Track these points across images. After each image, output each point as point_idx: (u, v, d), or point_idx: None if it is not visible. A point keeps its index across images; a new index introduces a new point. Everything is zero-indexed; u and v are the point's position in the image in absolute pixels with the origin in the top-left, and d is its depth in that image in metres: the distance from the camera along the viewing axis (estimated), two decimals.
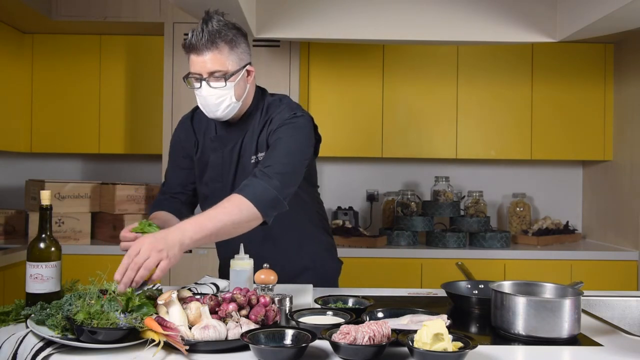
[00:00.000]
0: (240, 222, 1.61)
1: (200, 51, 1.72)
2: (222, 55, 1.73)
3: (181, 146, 2.01)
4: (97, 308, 1.32)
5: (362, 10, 3.15)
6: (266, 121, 1.86)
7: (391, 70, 3.73)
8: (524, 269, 3.45)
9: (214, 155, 1.92)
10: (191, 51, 1.74)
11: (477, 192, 3.84)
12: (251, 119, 1.89)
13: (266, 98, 1.94)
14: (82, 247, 3.38)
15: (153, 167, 3.94)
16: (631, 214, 3.55)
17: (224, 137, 1.90)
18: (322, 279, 2.07)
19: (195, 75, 1.75)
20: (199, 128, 1.97)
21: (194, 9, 2.80)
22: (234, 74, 1.76)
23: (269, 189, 1.65)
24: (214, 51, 1.72)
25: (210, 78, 1.74)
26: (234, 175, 1.89)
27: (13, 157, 4.01)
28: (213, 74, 1.73)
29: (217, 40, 1.71)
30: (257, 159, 1.84)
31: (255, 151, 1.85)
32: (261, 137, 1.85)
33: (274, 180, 1.66)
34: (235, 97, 1.78)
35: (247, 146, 1.87)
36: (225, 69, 1.74)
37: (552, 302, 1.42)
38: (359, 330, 1.24)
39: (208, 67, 1.73)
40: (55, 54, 3.70)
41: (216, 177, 1.91)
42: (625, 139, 3.64)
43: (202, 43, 1.71)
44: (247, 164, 1.86)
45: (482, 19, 3.14)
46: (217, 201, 1.68)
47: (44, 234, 1.55)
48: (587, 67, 3.78)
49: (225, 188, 1.88)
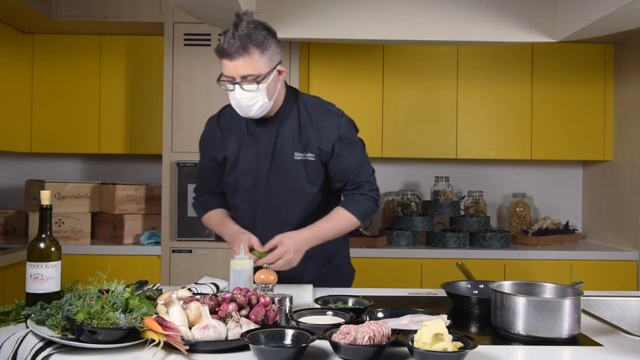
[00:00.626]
0: (345, 232, 1.97)
1: (232, 57, 1.76)
2: (254, 60, 1.77)
3: (209, 146, 2.07)
4: (97, 308, 1.32)
5: (362, 10, 3.15)
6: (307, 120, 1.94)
7: (391, 70, 3.73)
8: (524, 269, 3.45)
9: (246, 150, 1.97)
10: (223, 56, 1.78)
11: (477, 192, 3.84)
12: (284, 116, 1.95)
13: (299, 96, 2.01)
14: (82, 247, 3.38)
15: (153, 167, 3.94)
16: (631, 214, 3.55)
17: (258, 133, 1.95)
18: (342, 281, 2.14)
19: (228, 78, 1.81)
20: (227, 126, 2.03)
21: (194, 9, 2.80)
22: (266, 76, 1.81)
23: (372, 205, 1.98)
24: (245, 56, 1.76)
25: (243, 81, 1.79)
26: (268, 169, 1.94)
27: (13, 157, 4.01)
28: (246, 77, 1.79)
29: (249, 45, 1.76)
30: (305, 157, 1.93)
31: (303, 149, 1.93)
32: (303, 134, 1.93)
33: (375, 198, 1.99)
34: (267, 97, 1.84)
35: (284, 142, 1.93)
36: (257, 73, 1.79)
37: (552, 302, 1.42)
38: (359, 330, 1.24)
39: (240, 71, 1.78)
40: (55, 54, 3.70)
41: (248, 172, 1.96)
42: (625, 139, 3.64)
43: (234, 49, 1.75)
44: (285, 160, 1.93)
45: (482, 19, 3.14)
46: (247, 194, 1.94)
47: (44, 234, 1.55)
48: (587, 67, 3.78)
49: (258, 182, 1.95)
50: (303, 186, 1.95)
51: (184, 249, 3.33)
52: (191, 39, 3.39)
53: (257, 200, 1.97)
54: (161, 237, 3.37)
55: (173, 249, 3.33)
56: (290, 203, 1.96)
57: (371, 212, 1.99)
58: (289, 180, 1.94)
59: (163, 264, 3.33)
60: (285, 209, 1.96)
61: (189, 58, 3.39)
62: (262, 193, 1.96)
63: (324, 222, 1.91)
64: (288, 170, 1.93)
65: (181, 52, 3.39)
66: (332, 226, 1.92)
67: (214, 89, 3.40)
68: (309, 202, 1.97)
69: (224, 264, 3.24)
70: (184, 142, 3.39)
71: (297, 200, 1.96)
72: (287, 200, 1.96)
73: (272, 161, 1.94)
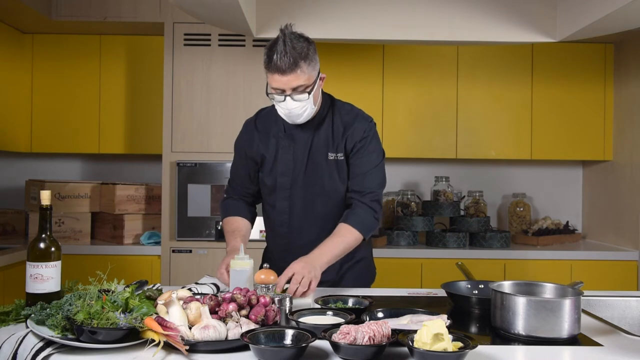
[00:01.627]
0: (352, 246, 2.00)
1: (285, 72, 1.86)
2: (304, 73, 1.88)
3: (247, 146, 2.13)
4: (97, 308, 1.32)
5: (362, 10, 3.15)
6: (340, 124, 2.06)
7: (391, 70, 3.73)
8: (524, 269, 3.45)
9: (284, 151, 2.07)
10: (275, 71, 1.87)
11: (477, 192, 3.84)
12: (320, 120, 2.06)
13: (335, 102, 2.13)
14: (82, 247, 3.38)
15: (153, 167, 3.94)
16: (631, 214, 3.55)
17: (295, 135, 2.06)
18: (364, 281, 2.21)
19: (277, 90, 1.91)
20: (264, 129, 2.12)
21: (194, 9, 2.80)
22: (314, 85, 1.93)
23: (372, 219, 2.03)
24: (296, 71, 1.86)
25: (293, 93, 1.90)
26: (304, 169, 2.05)
27: (13, 157, 4.00)
28: (296, 89, 1.89)
29: (298, 60, 1.86)
30: (337, 157, 2.05)
31: (334, 150, 2.05)
32: (336, 137, 2.05)
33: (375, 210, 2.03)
34: (314, 104, 1.97)
35: (320, 144, 2.05)
36: (307, 83, 1.90)
37: (552, 302, 1.42)
38: (359, 330, 1.24)
39: (292, 84, 1.88)
40: (55, 54, 3.70)
41: (286, 172, 2.06)
42: (625, 139, 3.64)
43: (286, 65, 1.84)
44: (320, 161, 2.05)
45: (482, 19, 3.14)
46: (284, 193, 2.06)
47: (44, 234, 1.55)
48: (587, 67, 3.78)
49: (295, 182, 2.06)
50: (336, 184, 2.06)
51: (184, 249, 3.33)
52: (191, 39, 3.39)
53: (294, 199, 2.07)
54: (161, 237, 3.38)
55: (173, 249, 3.33)
56: (324, 201, 2.07)
57: (373, 226, 2.04)
58: (323, 179, 2.05)
59: (163, 264, 3.33)
60: (320, 206, 2.07)
61: (189, 58, 3.39)
62: (299, 192, 2.06)
63: (329, 238, 1.97)
64: (322, 170, 2.05)
65: (181, 52, 3.39)
66: (339, 240, 1.96)
67: (214, 89, 3.40)
68: (342, 199, 2.08)
69: None
70: (184, 142, 3.39)
71: (331, 198, 2.07)
72: (322, 198, 2.07)
73: (308, 161, 2.05)
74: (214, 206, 3.33)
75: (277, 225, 2.12)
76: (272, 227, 2.16)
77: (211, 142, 3.39)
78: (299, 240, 2.08)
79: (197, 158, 3.37)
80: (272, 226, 2.16)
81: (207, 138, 3.39)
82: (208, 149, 3.39)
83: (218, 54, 3.40)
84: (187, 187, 3.32)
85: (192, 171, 3.33)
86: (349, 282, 2.14)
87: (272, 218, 2.15)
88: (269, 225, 2.18)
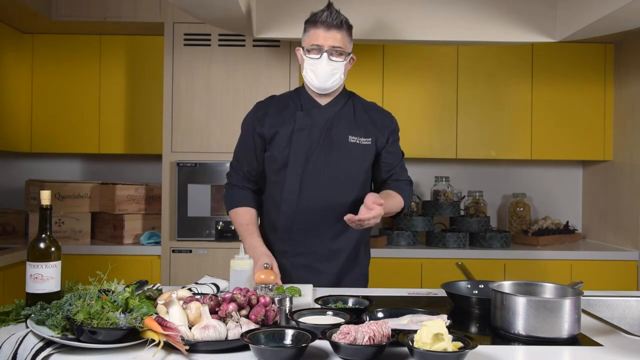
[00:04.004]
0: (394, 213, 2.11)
1: (330, 28, 1.99)
2: (344, 37, 2.02)
3: (257, 123, 2.12)
4: (97, 308, 1.32)
5: (362, 10, 3.15)
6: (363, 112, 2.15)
7: (391, 70, 3.73)
8: (524, 269, 3.45)
9: (301, 129, 2.06)
10: (321, 26, 1.99)
11: (477, 192, 3.84)
12: (340, 103, 2.12)
13: (355, 94, 2.21)
14: (82, 247, 3.38)
15: (153, 167, 3.94)
16: (631, 214, 3.55)
17: (313, 114, 2.08)
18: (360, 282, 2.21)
19: (316, 46, 2.00)
20: (279, 108, 2.13)
21: (194, 9, 2.80)
22: (349, 54, 2.06)
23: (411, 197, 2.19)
24: (341, 30, 2.00)
25: (331, 51, 2.00)
26: (320, 148, 2.05)
27: (13, 157, 4.01)
28: (335, 48, 2.00)
29: (344, 23, 2.02)
30: (359, 141, 2.09)
31: (358, 134, 2.09)
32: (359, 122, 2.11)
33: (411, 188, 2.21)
34: (343, 74, 2.06)
35: (340, 126, 2.08)
36: (345, 48, 2.03)
37: (552, 302, 1.42)
38: (359, 330, 1.24)
39: (333, 42, 1.99)
40: (55, 54, 3.70)
41: (300, 149, 2.05)
42: (625, 139, 3.64)
43: (334, 21, 1.99)
44: (339, 142, 2.07)
45: (482, 19, 3.14)
46: (297, 169, 2.03)
47: (44, 234, 1.55)
48: (587, 67, 3.78)
49: (309, 158, 2.04)
50: (352, 168, 2.08)
51: (184, 249, 3.33)
52: (191, 39, 3.39)
53: (305, 178, 2.04)
54: (161, 237, 3.38)
55: (173, 249, 3.33)
56: (337, 185, 2.05)
57: (409, 203, 2.18)
58: (339, 161, 2.06)
59: (163, 264, 3.33)
60: (331, 189, 2.05)
61: (189, 58, 3.39)
62: (311, 171, 2.04)
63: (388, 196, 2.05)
64: (340, 152, 2.06)
65: (181, 52, 3.39)
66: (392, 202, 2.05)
67: (214, 89, 3.40)
68: (355, 186, 2.09)
69: (224, 264, 3.25)
70: (184, 142, 3.39)
71: (344, 182, 2.07)
72: (335, 181, 2.05)
73: (324, 141, 2.06)
74: (214, 206, 3.33)
75: (284, 203, 2.05)
76: (277, 207, 2.08)
77: (211, 142, 3.39)
78: (302, 223, 2.05)
79: (197, 158, 3.37)
80: (277, 206, 2.09)
81: (207, 138, 3.39)
82: (208, 149, 3.39)
83: (218, 54, 3.40)
84: (187, 187, 3.32)
85: (192, 171, 3.33)
86: (346, 285, 2.12)
87: (277, 197, 2.08)
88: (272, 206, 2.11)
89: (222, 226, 3.29)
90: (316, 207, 2.04)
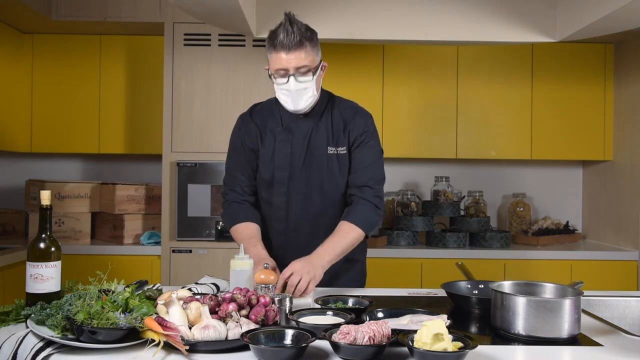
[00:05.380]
0: (354, 244, 1.98)
1: (290, 49, 1.87)
2: (308, 54, 1.90)
3: (247, 138, 2.10)
4: (97, 308, 1.32)
5: (362, 10, 3.15)
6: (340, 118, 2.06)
7: (391, 70, 3.73)
8: (524, 269, 3.45)
9: (282, 145, 2.04)
10: (281, 49, 1.88)
11: (477, 192, 3.84)
12: (319, 113, 2.05)
13: (333, 97, 2.13)
14: (82, 247, 3.38)
15: (153, 167, 3.94)
16: (631, 214, 3.55)
17: (293, 128, 2.04)
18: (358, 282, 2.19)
19: (281, 71, 1.90)
20: (261, 122, 2.10)
21: (194, 9, 2.80)
22: (317, 68, 1.95)
23: (375, 216, 2.01)
24: (302, 49, 1.89)
25: (297, 73, 1.90)
26: (302, 163, 2.03)
27: (13, 157, 4.01)
28: (299, 69, 1.90)
29: (304, 40, 1.89)
30: (337, 151, 2.04)
31: (335, 144, 2.04)
32: (336, 131, 2.05)
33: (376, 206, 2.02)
34: (315, 90, 1.96)
35: (319, 138, 2.04)
36: (311, 64, 1.92)
37: (552, 302, 1.42)
38: (359, 330, 1.24)
39: (296, 63, 1.89)
40: (55, 54, 3.70)
41: (283, 165, 2.04)
42: (625, 139, 3.64)
43: (293, 42, 1.87)
44: (319, 155, 2.03)
45: (482, 19, 3.14)
46: (281, 188, 2.03)
47: (44, 234, 1.55)
48: (587, 67, 3.78)
49: (293, 176, 2.03)
50: (335, 179, 2.04)
51: (184, 249, 3.33)
52: (191, 39, 3.39)
53: (291, 195, 2.05)
54: (161, 237, 3.38)
55: (173, 249, 3.33)
56: (323, 197, 2.04)
57: (375, 223, 2.02)
58: (322, 174, 2.03)
59: (163, 264, 3.33)
60: (318, 202, 2.04)
61: (189, 58, 3.39)
62: (296, 187, 2.04)
63: (330, 237, 1.95)
64: (321, 164, 2.03)
65: (181, 52, 3.39)
66: (340, 238, 1.94)
67: (214, 89, 3.40)
68: (341, 196, 2.06)
69: (224, 264, 3.25)
70: (184, 142, 3.39)
71: (330, 194, 2.05)
72: (321, 193, 2.04)
73: (306, 155, 2.03)
74: (214, 206, 3.33)
75: (274, 221, 2.08)
76: (269, 224, 2.10)
77: (211, 142, 3.39)
78: (295, 239, 2.06)
79: (197, 158, 3.37)
80: (269, 223, 2.10)
81: (207, 138, 3.39)
82: (208, 149, 3.39)
83: (218, 54, 3.40)
84: (187, 187, 3.32)
85: (192, 171, 3.33)
86: (342, 284, 2.11)
87: (268, 215, 2.10)
88: (265, 223, 2.11)
89: (222, 226, 3.29)
90: (306, 220, 2.05)
